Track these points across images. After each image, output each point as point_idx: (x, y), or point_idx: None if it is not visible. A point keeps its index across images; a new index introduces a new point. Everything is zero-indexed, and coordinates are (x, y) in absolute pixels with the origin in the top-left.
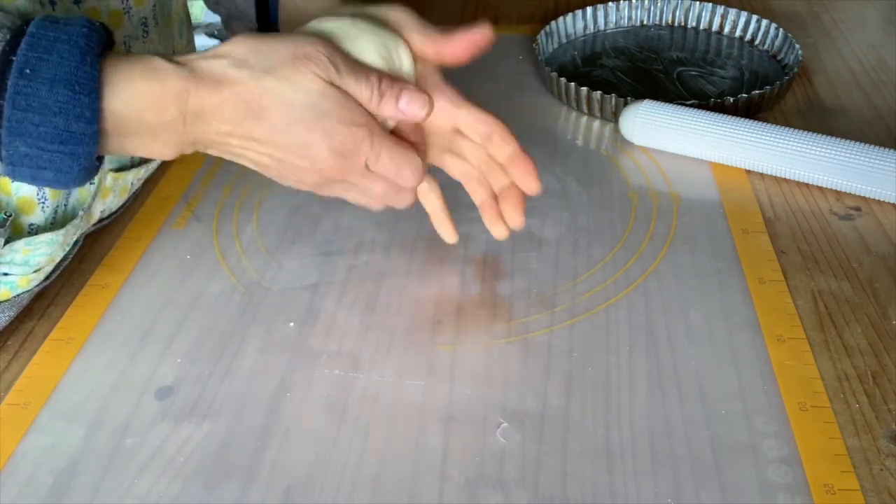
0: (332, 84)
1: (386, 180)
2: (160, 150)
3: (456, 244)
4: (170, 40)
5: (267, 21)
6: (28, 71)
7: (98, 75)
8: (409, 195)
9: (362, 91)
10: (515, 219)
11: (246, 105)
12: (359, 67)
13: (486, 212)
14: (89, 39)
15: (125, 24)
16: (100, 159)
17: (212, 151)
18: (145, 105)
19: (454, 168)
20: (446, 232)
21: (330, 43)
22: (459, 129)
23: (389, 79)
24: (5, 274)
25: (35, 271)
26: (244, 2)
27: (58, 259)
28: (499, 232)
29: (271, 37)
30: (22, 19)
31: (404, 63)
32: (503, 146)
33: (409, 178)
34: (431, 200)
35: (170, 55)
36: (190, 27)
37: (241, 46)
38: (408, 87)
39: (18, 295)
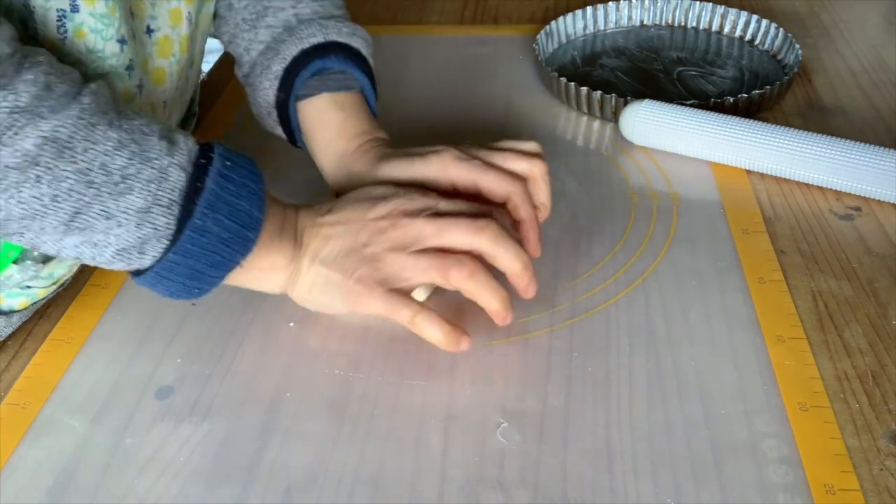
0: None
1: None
2: (269, 287)
3: None
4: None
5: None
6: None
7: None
8: None
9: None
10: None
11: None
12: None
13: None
14: (258, 208)
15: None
16: None
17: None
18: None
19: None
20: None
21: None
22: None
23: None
24: (28, 286)
25: (54, 283)
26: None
27: (75, 270)
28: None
29: None
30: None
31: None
32: (516, 211)
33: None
34: None
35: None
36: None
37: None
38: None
39: (35, 303)
